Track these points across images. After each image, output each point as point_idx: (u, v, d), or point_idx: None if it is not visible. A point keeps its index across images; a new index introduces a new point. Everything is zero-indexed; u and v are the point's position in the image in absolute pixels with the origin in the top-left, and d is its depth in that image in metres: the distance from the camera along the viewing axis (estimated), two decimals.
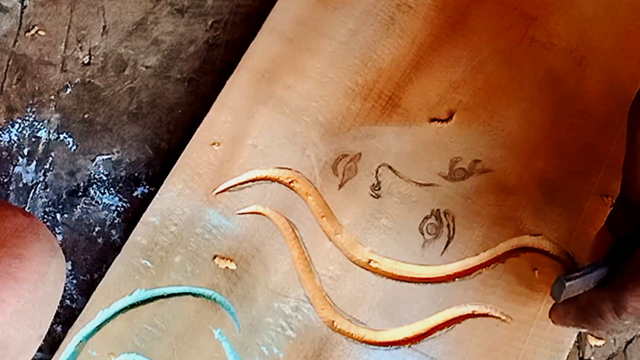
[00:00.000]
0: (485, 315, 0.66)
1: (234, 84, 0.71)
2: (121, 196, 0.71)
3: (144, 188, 0.71)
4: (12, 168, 0.71)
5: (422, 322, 0.66)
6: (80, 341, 0.65)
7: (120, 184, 0.71)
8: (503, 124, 0.69)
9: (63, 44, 0.73)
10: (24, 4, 0.74)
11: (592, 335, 0.66)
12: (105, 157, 0.71)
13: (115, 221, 0.70)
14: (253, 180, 0.69)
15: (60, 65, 0.73)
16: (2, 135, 0.72)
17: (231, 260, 0.67)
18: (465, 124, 0.70)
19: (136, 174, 0.71)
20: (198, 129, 0.70)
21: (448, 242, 0.67)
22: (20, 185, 0.71)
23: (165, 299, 0.67)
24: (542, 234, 0.67)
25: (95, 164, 0.71)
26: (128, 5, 0.74)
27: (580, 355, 0.66)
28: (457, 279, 0.67)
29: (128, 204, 0.70)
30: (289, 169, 0.69)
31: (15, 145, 0.71)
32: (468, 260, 0.67)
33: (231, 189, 0.69)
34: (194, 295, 0.67)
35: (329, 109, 0.70)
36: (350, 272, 0.67)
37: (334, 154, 0.69)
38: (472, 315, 0.66)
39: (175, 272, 0.67)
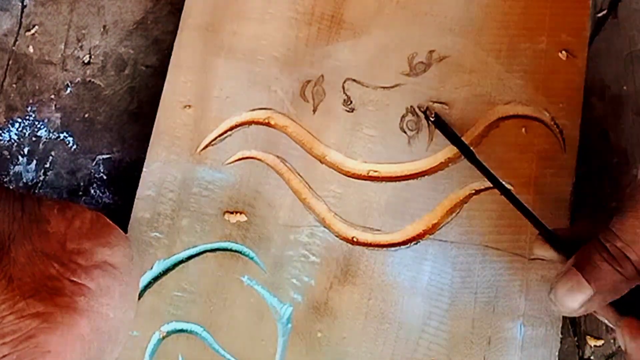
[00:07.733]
0: (487, 188, 0.67)
1: (181, 44, 0.70)
2: (121, 195, 0.70)
3: None
4: (12, 167, 0.70)
5: (432, 213, 0.67)
6: None
7: (121, 183, 0.70)
8: (445, 11, 0.71)
9: (63, 43, 0.72)
10: (24, 3, 0.73)
11: (591, 335, 0.66)
12: (105, 156, 0.71)
13: (116, 220, 0.69)
14: (231, 129, 0.69)
15: (61, 64, 0.72)
16: (3, 134, 0.71)
17: (240, 213, 0.67)
18: (410, 20, 0.71)
19: (136, 174, 0.70)
20: (162, 95, 0.69)
21: (431, 133, 0.69)
22: (21, 184, 0.70)
23: (185, 263, 0.67)
24: (513, 101, 0.69)
25: (96, 163, 0.71)
26: (128, 5, 0.74)
27: (580, 354, 0.66)
28: (450, 164, 0.68)
29: (128, 204, 0.70)
30: (261, 109, 0.70)
31: (16, 144, 0.71)
32: None
33: (213, 143, 0.69)
34: (212, 251, 0.67)
35: (279, 42, 0.71)
36: (350, 186, 0.68)
37: (298, 83, 0.70)
38: (475, 193, 0.68)
39: (186, 235, 0.67)
